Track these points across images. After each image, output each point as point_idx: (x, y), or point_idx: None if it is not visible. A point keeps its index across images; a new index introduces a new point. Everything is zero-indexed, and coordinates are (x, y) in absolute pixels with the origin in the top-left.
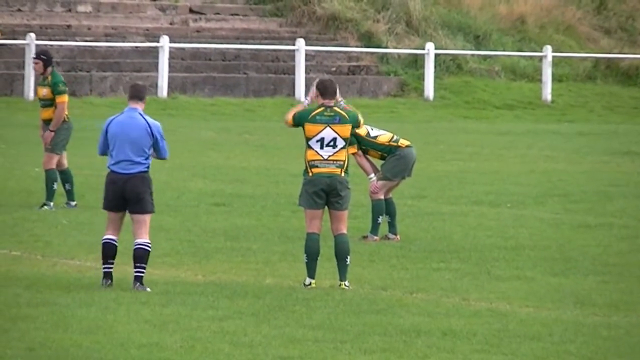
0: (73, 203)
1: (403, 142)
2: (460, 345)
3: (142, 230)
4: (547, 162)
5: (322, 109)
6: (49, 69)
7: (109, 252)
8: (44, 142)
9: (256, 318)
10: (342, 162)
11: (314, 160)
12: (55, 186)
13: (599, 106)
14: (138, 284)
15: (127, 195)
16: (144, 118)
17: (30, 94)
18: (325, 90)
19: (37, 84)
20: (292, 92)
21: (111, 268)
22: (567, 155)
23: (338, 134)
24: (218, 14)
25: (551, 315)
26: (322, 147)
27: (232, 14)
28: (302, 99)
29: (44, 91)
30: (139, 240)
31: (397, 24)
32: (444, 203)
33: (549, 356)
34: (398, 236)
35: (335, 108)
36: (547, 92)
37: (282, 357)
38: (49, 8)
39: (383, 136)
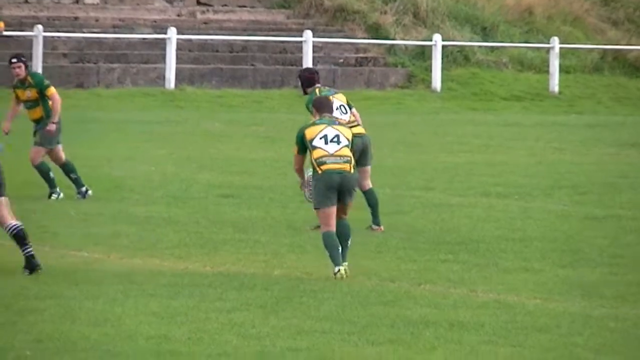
0: (84, 188)
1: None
2: (468, 336)
3: (10, 212)
4: (554, 153)
5: (319, 117)
6: (27, 71)
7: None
8: (51, 134)
9: (264, 310)
10: (349, 158)
11: (321, 158)
12: (52, 174)
13: (606, 97)
14: (34, 261)
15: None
16: None
17: None
18: (321, 106)
19: (15, 87)
20: (299, 83)
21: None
22: (575, 147)
23: (341, 133)
24: (225, 5)
25: (559, 307)
26: (326, 143)
27: (239, 6)
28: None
29: (28, 93)
30: (14, 223)
31: (405, 15)
32: (451, 195)
33: (557, 348)
34: (382, 227)
35: (334, 117)
36: (555, 84)
37: (290, 348)
38: (56, 0)
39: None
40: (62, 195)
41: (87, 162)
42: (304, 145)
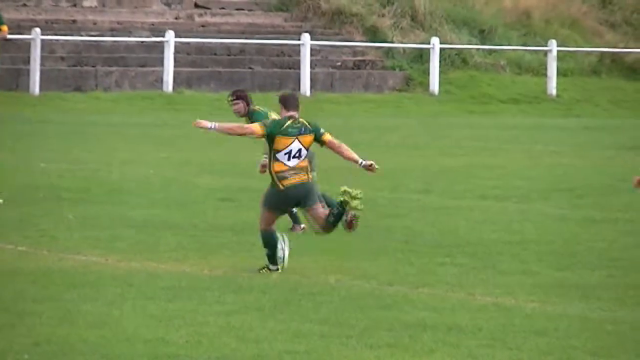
0: None
1: None
2: (466, 340)
3: None
4: (552, 156)
5: (291, 121)
6: None
7: None
8: None
9: (262, 313)
10: (306, 167)
11: (281, 172)
12: None
13: (604, 100)
14: None
15: None
16: None
17: (35, 89)
18: (286, 102)
19: None
20: (297, 86)
21: None
22: (573, 150)
23: (303, 145)
24: (223, 8)
25: (556, 310)
26: (289, 159)
27: (237, 9)
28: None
29: None
30: None
31: (403, 18)
32: (449, 197)
33: (555, 351)
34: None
35: (301, 119)
36: (552, 87)
37: (288, 351)
38: (54, 3)
39: None
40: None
41: (85, 165)
42: (270, 136)
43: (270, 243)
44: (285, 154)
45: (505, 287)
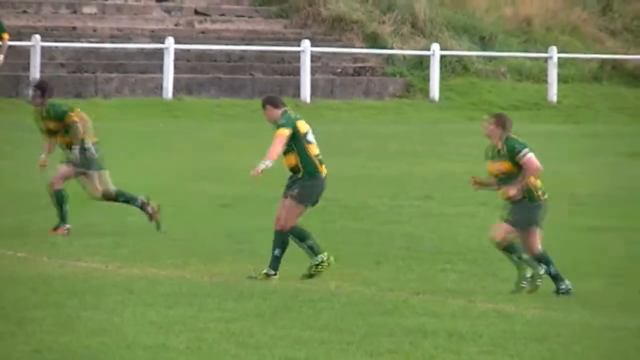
0: None
1: None
2: (467, 346)
3: None
4: (552, 163)
5: (285, 111)
6: None
7: None
8: None
9: (262, 319)
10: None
11: (318, 156)
12: None
13: (604, 107)
14: None
15: None
16: None
17: None
18: (277, 100)
19: None
20: (297, 93)
21: None
22: (573, 157)
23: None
24: (223, 15)
25: (557, 317)
26: (314, 141)
27: (237, 16)
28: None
29: None
30: None
31: (403, 25)
32: (450, 204)
33: (555, 358)
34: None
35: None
36: (553, 93)
37: (288, 358)
38: (54, 10)
39: None
40: None
41: None
42: (294, 128)
43: (285, 243)
44: (312, 134)
45: (506, 294)
